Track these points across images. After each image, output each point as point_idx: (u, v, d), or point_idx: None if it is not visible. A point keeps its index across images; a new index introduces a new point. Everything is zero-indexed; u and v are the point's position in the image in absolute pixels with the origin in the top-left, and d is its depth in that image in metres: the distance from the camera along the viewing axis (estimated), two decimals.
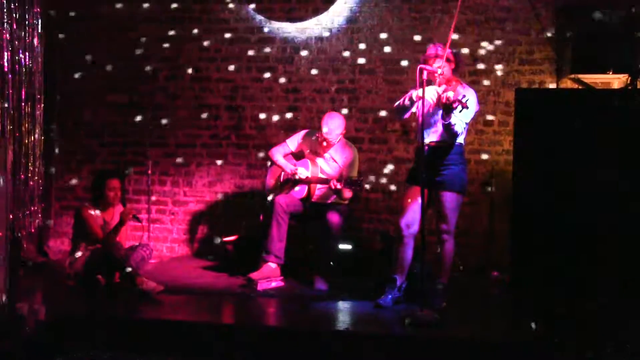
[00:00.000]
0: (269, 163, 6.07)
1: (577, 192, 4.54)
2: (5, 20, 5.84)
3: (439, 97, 4.58)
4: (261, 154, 6.57)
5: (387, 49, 6.45)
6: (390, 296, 4.92)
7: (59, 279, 5.53)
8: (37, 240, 6.48)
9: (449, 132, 4.66)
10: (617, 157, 4.51)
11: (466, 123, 4.75)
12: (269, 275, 5.50)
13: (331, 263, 5.49)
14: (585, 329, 4.26)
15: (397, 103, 4.95)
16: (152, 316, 4.71)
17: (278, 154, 5.87)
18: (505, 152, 6.21)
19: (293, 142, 5.89)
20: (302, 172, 5.71)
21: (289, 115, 6.63)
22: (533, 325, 4.21)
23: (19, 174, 6.00)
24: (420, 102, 4.61)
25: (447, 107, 4.48)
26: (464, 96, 4.44)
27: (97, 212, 5.55)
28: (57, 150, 6.91)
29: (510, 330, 4.50)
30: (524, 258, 4.64)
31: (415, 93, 4.76)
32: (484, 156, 6.27)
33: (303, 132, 5.93)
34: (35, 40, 6.21)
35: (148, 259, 5.56)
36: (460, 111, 4.47)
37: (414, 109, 4.86)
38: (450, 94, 4.46)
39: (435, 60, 4.72)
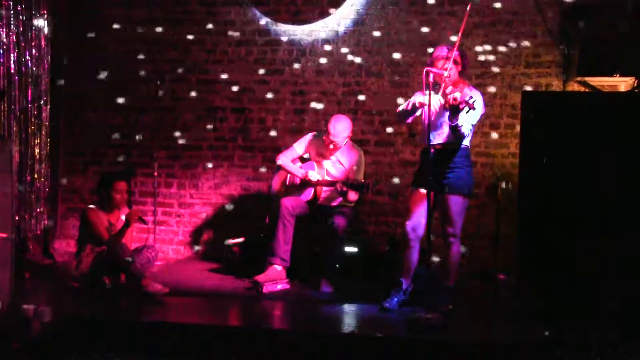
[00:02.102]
0: (275, 165, 6.05)
1: (583, 195, 4.52)
2: (12, 23, 5.87)
3: (446, 99, 4.57)
4: (267, 156, 6.56)
5: (393, 52, 6.44)
6: (395, 299, 4.91)
7: (65, 280, 5.53)
8: (43, 242, 6.48)
9: (456, 134, 4.64)
10: (624, 160, 4.49)
11: (472, 125, 4.74)
12: (275, 278, 5.49)
13: (337, 265, 5.49)
14: (590, 331, 4.25)
15: (400, 107, 4.94)
16: (157, 318, 4.71)
17: (286, 159, 5.86)
18: (512, 155, 6.19)
19: (301, 146, 5.88)
20: (313, 176, 5.69)
21: (295, 117, 6.63)
22: None
23: (25, 175, 6.03)
24: (426, 105, 4.60)
25: (454, 108, 4.46)
26: (470, 97, 4.43)
27: (103, 213, 5.55)
28: (63, 152, 6.92)
29: (516, 333, 4.47)
30: (530, 261, 4.62)
31: (417, 100, 4.76)
32: (490, 159, 6.26)
33: (310, 135, 5.92)
34: (42, 43, 6.24)
35: (153, 261, 5.56)
36: (467, 112, 4.46)
37: (418, 113, 4.85)
38: (458, 95, 4.44)
39: (443, 62, 4.71)
